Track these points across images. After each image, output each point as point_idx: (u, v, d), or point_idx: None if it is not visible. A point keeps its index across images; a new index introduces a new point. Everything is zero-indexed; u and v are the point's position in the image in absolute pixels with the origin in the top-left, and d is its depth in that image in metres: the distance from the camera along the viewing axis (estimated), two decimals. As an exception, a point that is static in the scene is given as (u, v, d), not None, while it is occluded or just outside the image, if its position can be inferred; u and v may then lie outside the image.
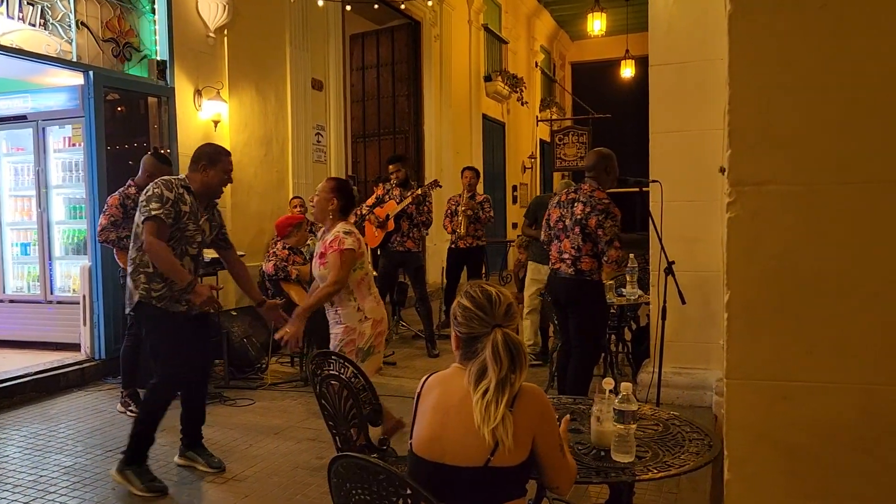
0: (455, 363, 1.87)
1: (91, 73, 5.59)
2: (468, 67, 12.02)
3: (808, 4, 1.49)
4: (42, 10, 5.38)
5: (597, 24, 12.70)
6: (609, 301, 4.61)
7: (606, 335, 4.98)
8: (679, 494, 3.38)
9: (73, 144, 6.05)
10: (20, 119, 6.14)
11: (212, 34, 6.66)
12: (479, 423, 1.69)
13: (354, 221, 5.84)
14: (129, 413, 4.61)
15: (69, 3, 5.54)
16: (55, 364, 5.44)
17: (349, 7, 8.46)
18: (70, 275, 6.16)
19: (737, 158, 1.55)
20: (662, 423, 2.49)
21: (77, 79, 5.71)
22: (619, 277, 4.99)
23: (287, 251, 5.96)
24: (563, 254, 4.17)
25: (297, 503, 3.39)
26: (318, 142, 8.30)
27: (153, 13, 6.24)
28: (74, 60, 5.59)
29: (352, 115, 9.85)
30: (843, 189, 1.49)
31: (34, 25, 5.33)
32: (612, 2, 13.47)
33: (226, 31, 6.83)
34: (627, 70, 14.80)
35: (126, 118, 6.23)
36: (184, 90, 6.40)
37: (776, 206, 1.52)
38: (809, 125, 1.50)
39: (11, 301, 6.38)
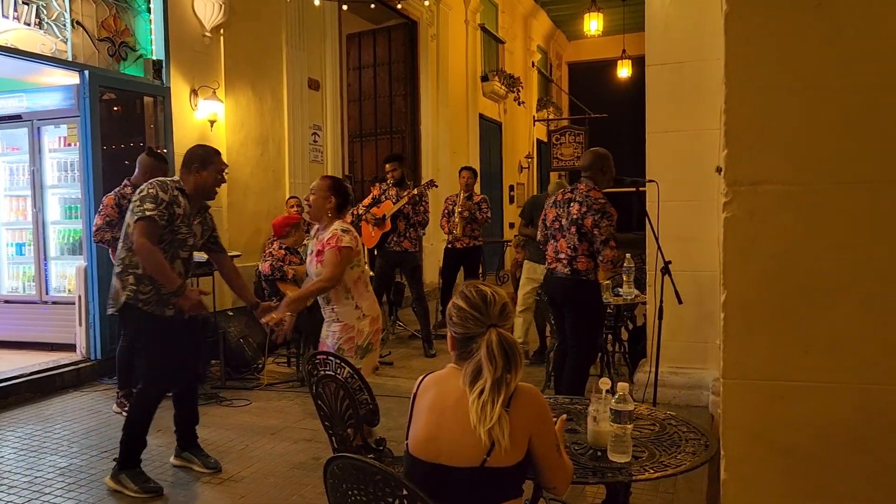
0: (451, 363, 1.87)
1: (86, 73, 5.57)
2: (465, 67, 12.01)
3: (804, 4, 1.49)
4: (37, 10, 5.36)
5: (593, 24, 12.70)
6: (606, 301, 4.61)
7: (603, 335, 4.98)
8: (676, 494, 3.38)
9: (69, 144, 6.03)
10: (15, 119, 6.12)
11: (208, 34, 6.64)
12: (476, 424, 1.69)
13: (351, 221, 5.83)
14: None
15: (64, 3, 5.52)
16: (50, 364, 5.43)
17: (346, 6, 8.45)
18: (65, 275, 6.14)
19: (733, 158, 1.55)
20: (659, 423, 2.49)
21: (72, 78, 5.69)
22: (616, 277, 4.99)
23: (284, 251, 5.95)
24: (560, 253, 4.17)
25: (294, 504, 3.39)
26: (315, 141, 8.29)
27: (149, 12, 6.22)
28: (70, 60, 5.58)
29: (348, 115, 9.84)
30: (840, 189, 1.49)
31: (29, 25, 5.31)
32: (609, 2, 13.48)
33: (222, 31, 6.81)
34: (624, 70, 14.81)
35: (122, 118, 6.21)
36: (180, 90, 6.39)
37: (773, 206, 1.52)
38: (806, 125, 1.50)
39: (7, 301, 6.35)
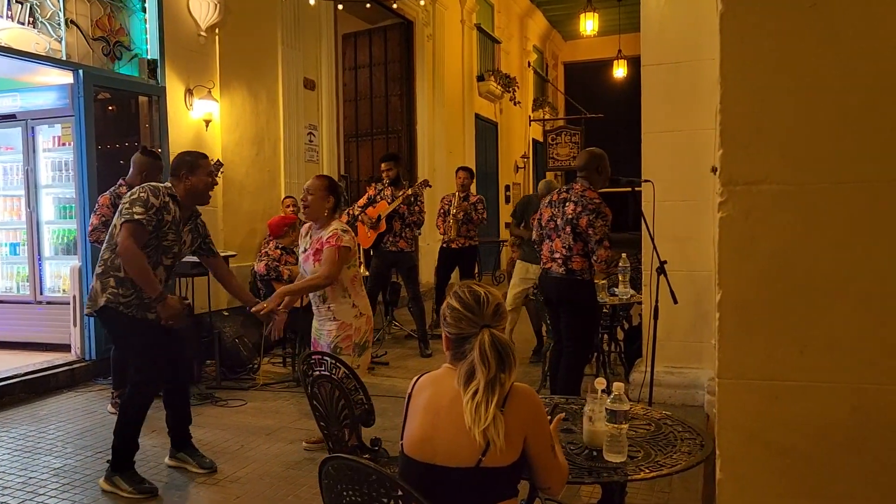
0: (446, 363, 1.87)
1: (81, 72, 5.54)
2: (461, 67, 12.01)
3: (799, 4, 1.49)
4: (31, 9, 5.34)
5: (589, 25, 12.73)
6: (601, 301, 4.62)
7: (598, 335, 4.98)
8: (671, 494, 3.38)
9: (63, 144, 6.01)
10: (9, 118, 6.09)
11: (203, 33, 6.62)
12: (470, 424, 1.69)
13: (347, 221, 5.83)
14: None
15: (58, 2, 5.49)
16: (45, 365, 5.41)
17: (341, 6, 8.44)
18: (60, 275, 6.12)
19: (729, 158, 1.55)
20: (654, 423, 2.49)
21: (67, 78, 5.67)
22: (612, 277, 5.00)
23: (280, 251, 5.94)
24: (555, 253, 4.17)
25: (289, 504, 3.38)
26: (311, 141, 8.28)
27: (144, 12, 6.20)
28: (64, 59, 5.55)
29: (344, 115, 9.83)
30: (837, 189, 1.49)
31: (23, 24, 5.29)
32: (605, 2, 13.49)
33: (217, 30, 6.79)
34: (620, 70, 14.84)
35: (116, 117, 6.19)
36: (175, 89, 6.37)
37: (768, 206, 1.52)
38: (802, 124, 1.50)
39: (1, 301, 6.33)
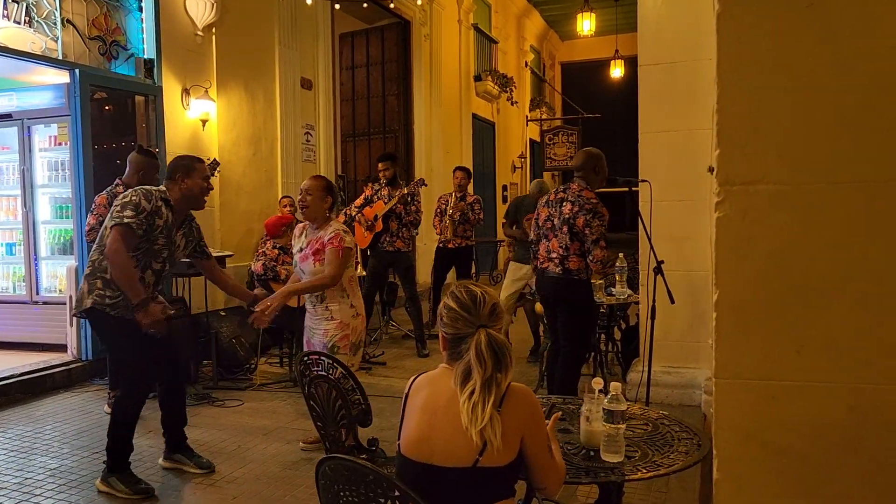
0: (443, 363, 1.87)
1: (77, 72, 5.53)
2: (458, 67, 12.01)
3: (796, 4, 1.49)
4: (27, 8, 5.32)
5: (586, 25, 12.74)
6: (599, 300, 4.62)
7: (595, 334, 4.98)
8: (668, 494, 3.38)
9: (59, 143, 5.99)
10: (5, 117, 6.07)
11: (200, 32, 6.61)
12: (467, 424, 1.69)
13: (344, 222, 5.82)
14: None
15: (55, 1, 5.48)
16: (41, 365, 5.39)
17: (338, 6, 8.43)
18: (56, 275, 6.10)
19: (725, 158, 1.55)
20: (652, 423, 2.49)
21: (63, 77, 5.65)
22: (609, 277, 5.00)
23: (277, 251, 5.93)
24: (552, 253, 4.17)
25: (286, 504, 3.38)
26: (308, 141, 8.27)
27: (140, 11, 6.19)
28: (60, 59, 5.54)
29: (341, 115, 9.82)
30: (834, 189, 1.49)
31: (19, 23, 5.27)
32: (602, 2, 13.50)
33: (214, 30, 6.79)
34: (617, 70, 14.85)
35: (113, 117, 6.17)
36: (171, 89, 6.35)
37: (765, 206, 1.52)
38: (799, 124, 1.50)
39: (-4, 301, 6.32)
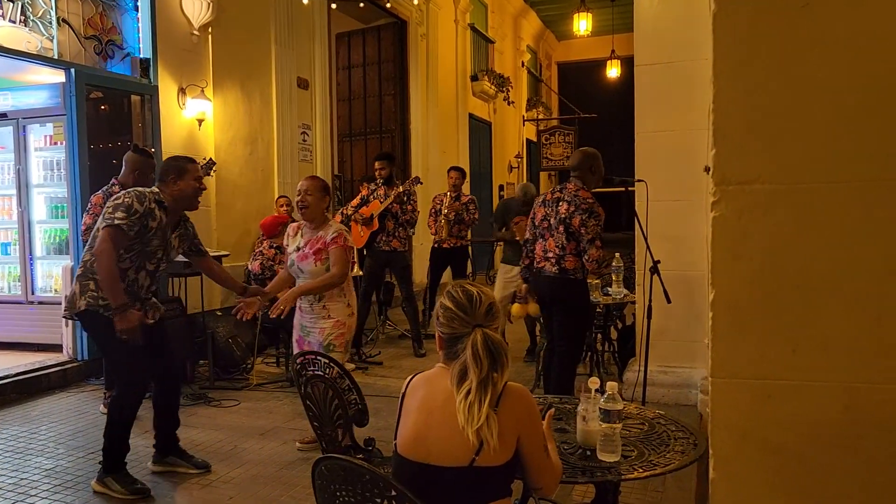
0: (439, 363, 1.87)
1: (73, 71, 5.52)
2: (454, 67, 12.00)
3: (791, 3, 1.50)
4: (22, 7, 5.31)
5: (583, 25, 12.74)
6: (595, 300, 4.62)
7: (592, 334, 4.99)
8: (665, 493, 3.39)
9: (55, 143, 5.97)
10: (0, 117, 6.06)
11: (196, 32, 6.60)
12: (464, 424, 1.69)
13: (341, 221, 5.82)
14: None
15: (50, 0, 5.46)
16: (37, 365, 5.38)
17: (335, 5, 8.43)
18: (52, 275, 6.08)
19: (722, 157, 1.55)
20: (648, 422, 2.49)
21: (58, 76, 5.64)
22: (606, 276, 5.01)
23: (274, 250, 5.93)
24: (548, 252, 4.17)
25: (282, 504, 3.37)
26: (304, 141, 8.26)
27: (136, 10, 6.17)
28: (56, 58, 5.52)
29: (338, 115, 9.81)
30: (829, 188, 1.49)
31: (14, 22, 5.25)
32: (598, 2, 13.51)
33: (210, 29, 6.77)
34: (613, 70, 14.85)
35: (109, 116, 6.16)
36: (167, 88, 6.34)
37: (761, 206, 1.52)
38: (795, 124, 1.50)
39: (-8, 301, 6.30)
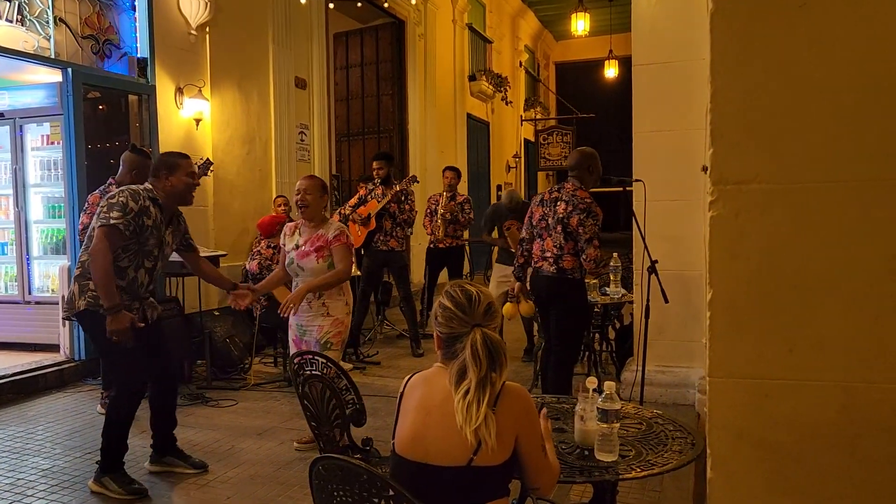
0: (437, 363, 1.87)
1: (70, 71, 5.50)
2: (452, 67, 12.01)
3: (789, 3, 1.50)
4: (19, 6, 5.29)
5: (580, 25, 12.75)
6: (593, 300, 4.62)
7: (589, 333, 4.99)
8: (662, 493, 3.39)
9: (52, 143, 5.96)
10: (-3, 116, 6.05)
11: (193, 31, 6.59)
12: (462, 423, 1.69)
13: (339, 220, 5.82)
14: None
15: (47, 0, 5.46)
16: (34, 365, 5.37)
17: (332, 5, 8.42)
18: (49, 275, 6.07)
19: (719, 157, 1.55)
20: (646, 422, 2.49)
21: (55, 76, 5.62)
22: (603, 276, 5.01)
23: (272, 250, 5.92)
24: (546, 252, 4.17)
25: (280, 504, 3.37)
26: (302, 141, 8.25)
27: (133, 10, 6.16)
28: (53, 57, 5.51)
29: (336, 114, 9.80)
30: (827, 188, 1.49)
31: (11, 21, 5.24)
32: (596, 2, 13.52)
33: (208, 29, 6.76)
34: (611, 70, 14.86)
35: (106, 116, 6.15)
36: (165, 88, 6.33)
37: (759, 205, 1.52)
38: (793, 123, 1.50)
39: (-11, 301, 6.28)
